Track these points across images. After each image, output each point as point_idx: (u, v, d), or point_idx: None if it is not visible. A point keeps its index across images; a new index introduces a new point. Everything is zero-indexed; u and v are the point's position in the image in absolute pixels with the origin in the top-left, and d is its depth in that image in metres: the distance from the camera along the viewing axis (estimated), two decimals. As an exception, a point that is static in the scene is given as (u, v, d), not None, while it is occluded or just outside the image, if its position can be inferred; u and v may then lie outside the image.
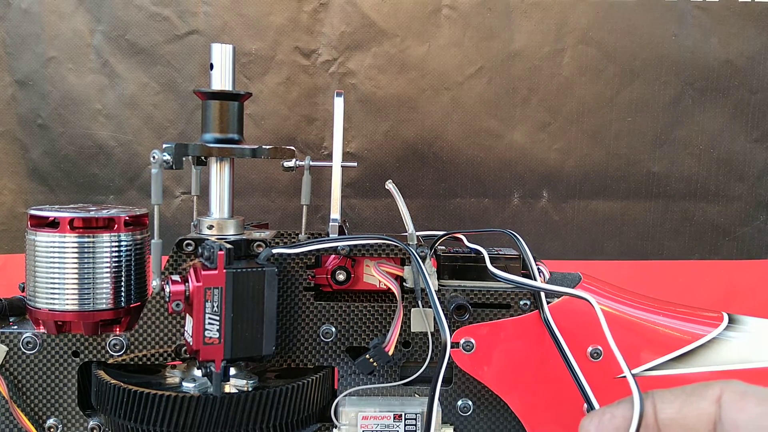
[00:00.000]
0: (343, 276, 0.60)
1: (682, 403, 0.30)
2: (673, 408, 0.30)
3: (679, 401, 0.30)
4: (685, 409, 0.30)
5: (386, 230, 0.84)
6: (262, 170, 1.00)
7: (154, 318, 0.56)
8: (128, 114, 0.98)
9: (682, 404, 0.30)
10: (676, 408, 0.30)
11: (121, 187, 1.00)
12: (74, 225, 0.54)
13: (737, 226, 1.04)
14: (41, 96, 0.97)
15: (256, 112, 0.99)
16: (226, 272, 0.49)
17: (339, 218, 0.57)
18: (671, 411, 0.30)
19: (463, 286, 0.57)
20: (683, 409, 0.30)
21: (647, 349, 0.56)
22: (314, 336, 0.57)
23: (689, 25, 0.99)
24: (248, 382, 0.54)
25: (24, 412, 0.55)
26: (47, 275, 0.54)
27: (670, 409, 0.30)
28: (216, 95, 0.56)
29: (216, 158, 0.57)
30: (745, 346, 0.57)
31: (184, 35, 0.97)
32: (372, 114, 1.00)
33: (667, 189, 1.03)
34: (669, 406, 0.30)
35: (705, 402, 0.29)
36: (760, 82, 1.01)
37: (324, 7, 0.98)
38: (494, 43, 0.99)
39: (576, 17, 0.99)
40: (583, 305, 0.54)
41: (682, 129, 1.02)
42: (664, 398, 0.31)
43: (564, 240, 1.03)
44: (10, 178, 0.98)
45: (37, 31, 0.96)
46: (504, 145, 1.01)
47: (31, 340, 0.55)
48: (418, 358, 0.57)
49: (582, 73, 1.00)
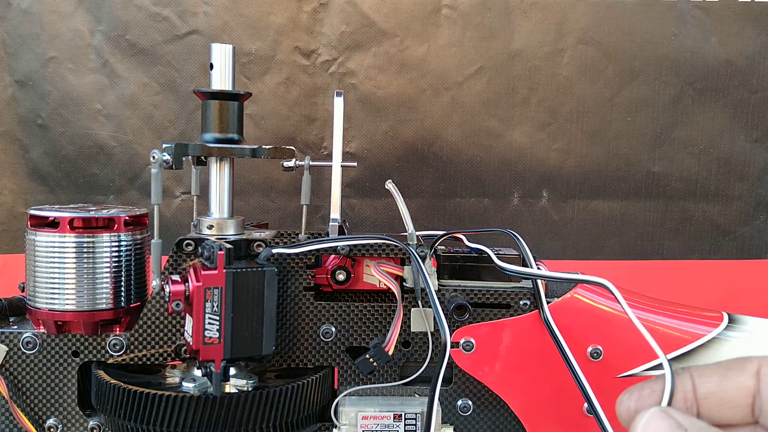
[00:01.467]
0: (343, 276, 0.60)
1: (720, 378, 0.30)
2: (712, 382, 0.30)
3: (718, 375, 0.30)
4: (724, 383, 0.30)
5: (386, 230, 0.84)
6: (262, 170, 1.00)
7: (154, 318, 0.56)
8: (128, 114, 0.98)
9: (721, 378, 0.30)
10: (716, 382, 0.30)
11: (121, 187, 1.00)
12: (74, 225, 0.54)
13: (737, 226, 1.04)
14: (41, 96, 0.97)
15: (256, 112, 0.99)
16: (226, 272, 0.49)
17: (339, 218, 0.57)
18: (710, 385, 0.30)
19: (463, 286, 0.58)
20: (723, 383, 0.30)
21: (648, 349, 0.56)
22: (314, 336, 0.57)
23: (689, 25, 0.99)
24: (248, 382, 0.54)
25: (24, 412, 0.55)
26: (47, 275, 0.54)
27: (710, 383, 0.30)
28: (216, 95, 0.56)
29: (216, 158, 0.57)
30: (745, 346, 0.57)
31: (184, 35, 0.97)
32: (372, 114, 1.00)
33: (667, 189, 1.03)
34: (708, 380, 0.30)
35: (744, 375, 0.29)
36: (760, 82, 1.01)
37: (324, 7, 0.98)
38: (494, 43, 0.99)
39: (576, 17, 0.99)
40: (583, 305, 0.54)
41: (682, 129, 1.02)
42: (702, 373, 0.31)
43: (564, 240, 1.03)
44: (10, 178, 0.98)
45: (37, 31, 0.96)
46: (504, 145, 1.01)
47: (31, 340, 0.55)
48: (418, 358, 0.57)
49: (582, 72, 1.00)
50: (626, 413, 0.31)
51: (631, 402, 0.31)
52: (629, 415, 0.31)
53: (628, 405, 0.31)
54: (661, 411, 0.28)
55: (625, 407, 0.31)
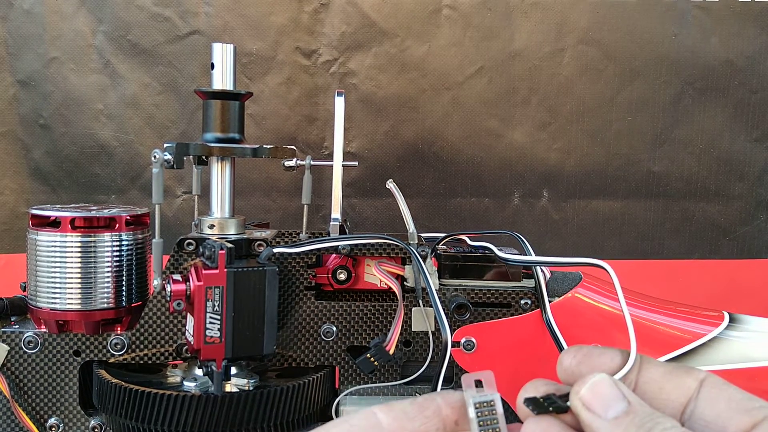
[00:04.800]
0: (344, 275, 0.60)
1: (668, 371, 0.31)
2: (658, 371, 0.31)
3: (665, 369, 0.31)
4: (668, 376, 0.30)
5: (387, 230, 0.84)
6: (263, 170, 1.00)
7: (156, 317, 0.56)
8: (130, 114, 0.98)
9: (668, 372, 0.31)
10: (661, 373, 0.31)
11: (123, 187, 1.00)
12: (76, 224, 0.54)
13: (737, 226, 1.04)
14: (43, 96, 0.97)
15: (257, 112, 0.99)
16: (227, 271, 0.49)
17: (340, 218, 0.57)
18: (655, 374, 0.31)
19: (464, 286, 0.58)
20: (667, 375, 0.30)
21: (648, 349, 0.56)
22: (315, 335, 0.57)
23: (689, 24, 0.99)
24: (249, 382, 0.54)
25: (25, 411, 0.55)
26: (49, 274, 0.54)
27: (655, 372, 0.31)
28: (217, 95, 0.56)
29: (217, 158, 0.57)
30: (746, 345, 0.57)
31: (185, 35, 0.97)
32: (373, 114, 1.00)
33: (667, 188, 1.03)
34: (655, 369, 0.31)
35: (689, 378, 0.30)
36: (760, 81, 1.01)
37: (325, 8, 0.98)
38: (494, 43, 0.99)
39: (576, 17, 0.99)
40: (583, 304, 0.54)
41: (682, 128, 1.02)
42: (652, 362, 0.31)
43: (564, 239, 1.03)
44: (12, 178, 0.99)
45: (39, 32, 0.96)
46: (504, 144, 1.01)
47: (32, 339, 0.55)
48: (419, 358, 0.57)
49: (582, 72, 1.00)
50: (568, 371, 0.32)
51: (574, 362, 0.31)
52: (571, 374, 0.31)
53: (571, 364, 0.31)
54: (610, 379, 0.29)
55: (568, 365, 0.32)
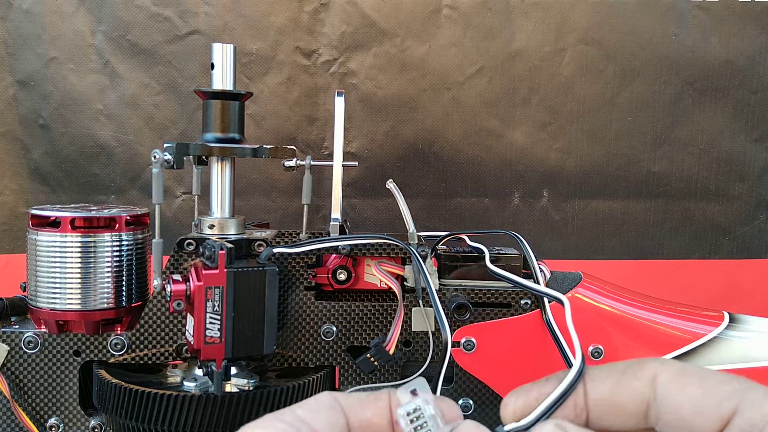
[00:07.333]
0: (344, 275, 0.60)
1: (614, 382, 0.28)
2: (605, 387, 0.28)
3: (611, 380, 0.28)
4: (617, 388, 0.28)
5: (387, 230, 0.84)
6: (263, 170, 1.00)
7: (155, 317, 0.56)
8: (129, 114, 0.98)
9: (614, 383, 0.28)
10: (608, 387, 0.28)
11: (123, 187, 1.00)
12: (75, 224, 0.54)
13: (737, 226, 1.04)
14: (42, 96, 0.97)
15: (256, 112, 0.99)
16: (227, 271, 0.49)
17: (340, 218, 0.57)
18: (603, 390, 0.28)
19: (464, 286, 0.58)
20: (615, 388, 0.28)
21: (648, 349, 0.56)
22: (315, 335, 0.57)
23: (689, 24, 0.99)
24: (249, 382, 0.54)
25: (25, 411, 0.55)
26: (48, 275, 0.54)
27: (602, 388, 0.28)
28: (217, 95, 0.56)
29: (217, 158, 0.57)
30: (746, 345, 0.57)
31: (185, 35, 0.97)
32: (372, 114, 1.00)
33: (667, 188, 1.03)
34: (600, 384, 0.28)
35: (639, 382, 0.27)
36: (760, 81, 1.01)
37: (324, 8, 0.98)
38: (494, 43, 0.99)
39: (576, 17, 0.99)
40: (584, 304, 0.54)
41: (682, 129, 1.02)
42: (595, 376, 0.29)
43: (564, 239, 1.03)
44: (11, 178, 0.99)
45: (38, 32, 0.96)
46: (504, 144, 1.01)
47: (32, 339, 0.55)
48: (419, 358, 0.57)
49: (582, 72, 1.00)
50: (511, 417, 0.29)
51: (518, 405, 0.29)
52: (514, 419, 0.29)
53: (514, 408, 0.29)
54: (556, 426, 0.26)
55: (511, 410, 0.30)
